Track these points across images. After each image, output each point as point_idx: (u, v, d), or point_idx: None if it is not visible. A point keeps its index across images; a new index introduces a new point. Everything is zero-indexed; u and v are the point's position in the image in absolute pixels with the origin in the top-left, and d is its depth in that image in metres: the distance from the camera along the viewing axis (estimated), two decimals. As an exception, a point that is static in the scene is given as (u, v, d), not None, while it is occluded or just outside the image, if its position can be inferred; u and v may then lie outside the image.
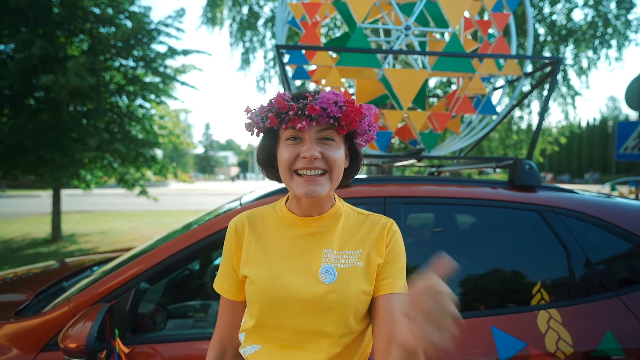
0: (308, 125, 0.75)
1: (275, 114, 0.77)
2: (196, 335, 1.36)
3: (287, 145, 0.79)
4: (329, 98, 0.75)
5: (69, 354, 1.04)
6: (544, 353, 1.27)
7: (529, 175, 1.59)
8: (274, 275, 0.79)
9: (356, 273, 0.79)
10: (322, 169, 0.77)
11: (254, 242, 0.85)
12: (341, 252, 0.81)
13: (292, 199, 0.86)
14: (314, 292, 0.76)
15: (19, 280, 1.93)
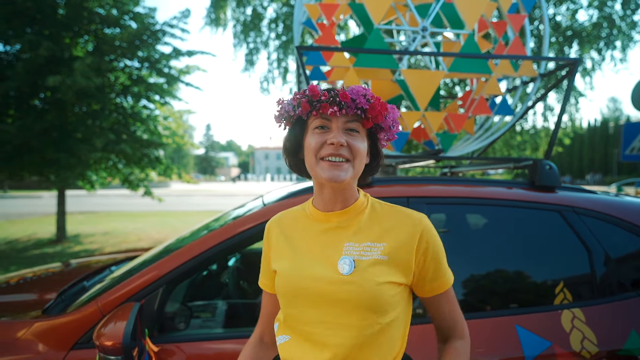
0: (339, 112, 0.79)
1: (307, 100, 0.81)
2: (219, 335, 1.38)
3: (315, 134, 0.82)
4: (358, 90, 0.80)
5: (105, 352, 1.05)
6: (570, 352, 1.28)
7: (550, 175, 1.60)
8: (297, 267, 0.84)
9: (377, 266, 0.80)
10: (346, 157, 0.80)
11: (282, 239, 0.90)
12: (363, 244, 0.82)
13: (316, 194, 0.88)
14: (332, 283, 0.79)
15: (39, 280, 1.95)
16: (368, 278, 0.78)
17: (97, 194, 21.07)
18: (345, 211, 0.85)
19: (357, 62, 1.91)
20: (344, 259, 0.80)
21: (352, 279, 0.78)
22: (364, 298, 0.77)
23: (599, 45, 7.18)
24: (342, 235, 0.84)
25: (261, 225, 1.37)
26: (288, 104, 0.85)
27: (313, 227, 0.87)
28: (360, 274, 0.78)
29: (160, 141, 7.48)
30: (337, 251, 0.82)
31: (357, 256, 0.81)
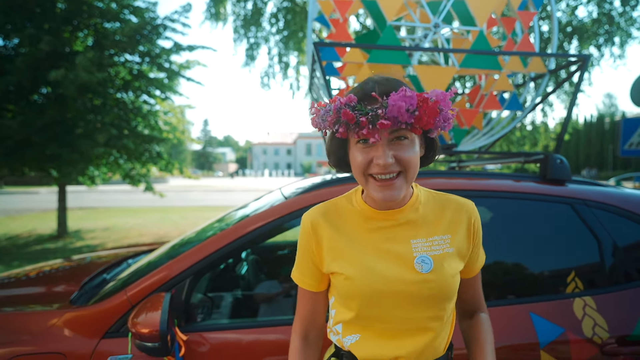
0: (380, 138, 0.73)
1: (344, 125, 0.73)
2: (240, 324, 1.41)
3: (359, 149, 0.77)
4: (400, 106, 0.70)
5: (142, 339, 1.09)
6: (582, 338, 1.33)
7: (561, 169, 1.65)
8: (369, 269, 0.81)
9: (448, 259, 0.83)
10: (396, 171, 0.76)
11: (337, 237, 0.85)
12: (430, 239, 0.83)
13: (368, 194, 0.86)
14: (414, 283, 0.79)
15: (57, 273, 1.98)
16: (445, 273, 0.81)
17: (95, 190, 21.00)
18: (402, 209, 0.84)
19: (370, 58, 1.94)
20: (422, 257, 0.81)
21: (432, 277, 0.80)
22: (444, 292, 0.81)
23: (598, 42, 7.24)
24: (406, 233, 0.83)
25: (285, 217, 1.41)
26: (323, 121, 0.77)
27: (370, 225, 0.85)
28: (438, 271, 0.80)
29: (161, 136, 7.47)
30: (407, 249, 0.82)
31: (430, 252, 0.82)
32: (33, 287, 1.78)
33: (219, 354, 1.28)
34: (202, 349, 1.29)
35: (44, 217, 10.61)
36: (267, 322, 1.39)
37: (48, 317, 1.33)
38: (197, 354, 1.27)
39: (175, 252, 1.52)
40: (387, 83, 0.76)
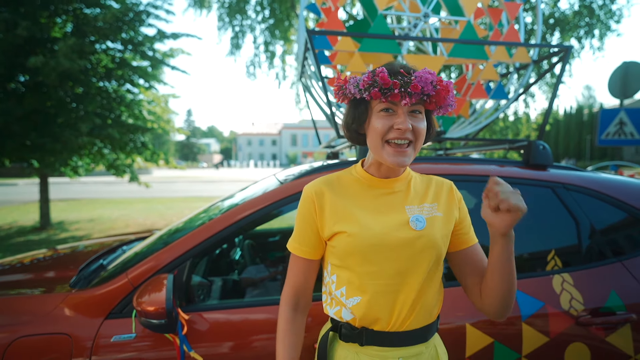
0: (409, 102, 0.84)
1: (379, 89, 0.84)
2: (236, 303, 1.46)
3: (381, 117, 0.87)
4: (426, 78, 0.84)
5: (148, 316, 1.13)
6: (560, 311, 1.43)
7: (543, 155, 1.74)
8: (369, 227, 0.90)
9: (438, 221, 0.94)
10: (410, 139, 0.87)
11: (339, 202, 0.94)
12: (421, 205, 0.95)
13: (373, 164, 0.97)
14: (408, 238, 0.90)
15: (52, 260, 1.98)
16: (435, 231, 0.92)
17: (77, 182, 20.50)
18: (398, 179, 0.96)
19: (362, 47, 1.98)
20: (416, 217, 0.92)
21: (424, 233, 0.91)
22: (434, 248, 0.91)
23: (579, 34, 7.44)
24: (400, 199, 0.95)
25: (281, 201, 1.46)
26: (353, 85, 0.89)
27: (370, 191, 0.95)
28: (429, 229, 0.92)
29: (146, 126, 7.34)
30: (402, 212, 0.93)
31: (421, 214, 0.93)
32: (29, 273, 1.78)
33: (218, 331, 1.33)
34: (202, 327, 1.33)
35: (25, 209, 10.34)
36: (264, 301, 1.44)
37: (52, 300, 1.35)
38: (198, 332, 1.32)
39: (173, 237, 1.55)
40: (407, 66, 0.89)
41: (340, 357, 0.94)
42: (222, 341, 1.32)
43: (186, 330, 1.27)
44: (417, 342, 0.92)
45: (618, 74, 5.32)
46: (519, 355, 1.40)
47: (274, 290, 1.82)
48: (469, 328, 1.39)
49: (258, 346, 1.32)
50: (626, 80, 5.26)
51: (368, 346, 0.92)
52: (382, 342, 0.91)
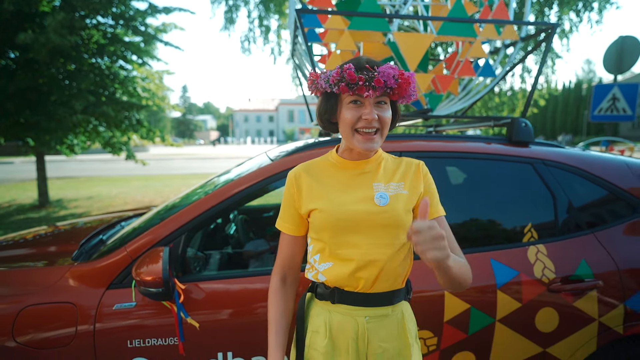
0: (373, 95, 0.93)
1: (346, 84, 0.94)
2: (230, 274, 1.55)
3: (350, 108, 0.97)
4: (389, 73, 0.93)
5: (146, 285, 1.22)
6: (533, 279, 1.54)
7: (525, 132, 1.80)
8: (338, 204, 1.01)
9: (402, 198, 1.03)
10: (376, 127, 0.97)
11: (315, 184, 1.05)
12: (388, 184, 1.04)
13: (346, 149, 1.07)
14: (373, 213, 1.00)
15: (53, 235, 2.06)
16: (398, 207, 1.01)
17: (74, 160, 20.44)
18: (368, 160, 1.06)
19: (351, 24, 1.99)
20: (381, 194, 1.01)
21: (387, 209, 1.00)
22: (396, 222, 1.00)
23: (577, 7, 7.31)
24: (369, 178, 1.04)
25: (272, 177, 1.53)
26: (324, 80, 0.97)
27: (342, 173, 1.06)
28: (392, 205, 1.01)
29: (140, 103, 7.29)
30: (369, 189, 1.03)
31: (387, 192, 1.02)
32: (33, 248, 1.87)
33: (212, 299, 1.43)
34: (197, 296, 1.43)
35: (22, 187, 10.39)
36: (253, 272, 1.53)
37: (56, 272, 1.44)
38: (194, 300, 1.41)
39: (169, 213, 1.63)
40: (372, 61, 0.98)
41: (315, 313, 1.06)
42: (216, 309, 1.42)
43: (183, 298, 1.37)
44: (382, 304, 1.03)
45: (614, 49, 5.29)
46: (493, 320, 1.51)
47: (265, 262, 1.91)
48: (447, 295, 1.49)
49: (249, 312, 1.42)
50: (622, 54, 5.24)
51: (339, 304, 1.03)
52: (351, 302, 1.02)
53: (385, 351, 1.02)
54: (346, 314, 1.03)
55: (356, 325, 1.02)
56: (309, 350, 1.05)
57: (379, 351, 1.02)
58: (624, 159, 1.88)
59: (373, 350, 1.02)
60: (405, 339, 1.05)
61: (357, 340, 1.02)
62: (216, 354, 1.40)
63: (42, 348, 1.32)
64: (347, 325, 1.02)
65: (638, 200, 1.73)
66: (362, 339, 1.02)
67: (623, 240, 1.64)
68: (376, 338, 1.02)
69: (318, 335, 1.04)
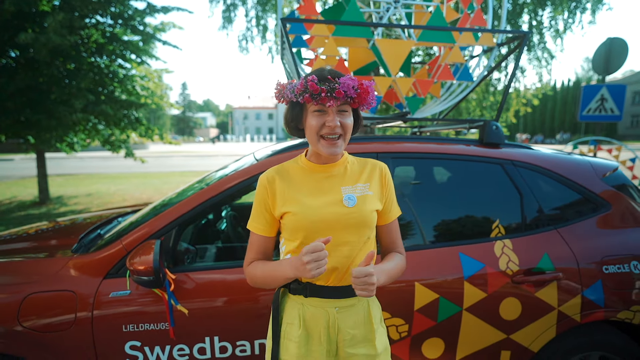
0: (335, 104, 1.04)
1: (310, 94, 1.03)
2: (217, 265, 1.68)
3: (315, 116, 1.07)
4: (349, 84, 1.03)
5: (139, 274, 1.34)
6: (498, 271, 1.66)
7: (495, 134, 1.92)
8: (310, 207, 1.10)
9: (368, 198, 1.14)
10: (339, 133, 1.08)
11: (286, 187, 1.13)
12: (355, 186, 1.15)
13: (313, 154, 1.17)
14: (342, 214, 1.10)
15: (54, 230, 2.19)
16: (365, 208, 1.11)
17: (74, 157, 20.57)
18: (335, 164, 1.16)
19: (336, 31, 2.11)
20: (349, 196, 1.11)
21: (355, 210, 1.10)
22: (363, 221, 1.11)
23: (570, 7, 7.41)
24: (337, 182, 1.14)
25: (255, 177, 1.65)
26: (290, 91, 1.06)
27: (312, 176, 1.15)
28: (360, 206, 1.11)
29: (139, 101, 7.40)
30: (338, 192, 1.12)
31: (354, 193, 1.12)
32: (35, 241, 1.99)
33: (201, 289, 1.55)
34: (188, 285, 1.55)
35: (23, 184, 10.51)
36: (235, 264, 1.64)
37: (57, 263, 1.56)
38: (184, 289, 1.54)
39: (160, 209, 1.75)
40: (334, 72, 1.07)
41: (289, 307, 1.15)
42: (204, 297, 1.54)
43: (173, 287, 1.50)
44: (350, 295, 1.13)
45: (602, 50, 5.40)
46: (460, 309, 1.64)
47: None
48: (418, 286, 1.62)
49: (236, 301, 1.55)
50: (609, 56, 5.35)
51: (311, 297, 1.13)
52: (323, 295, 1.12)
53: (353, 337, 1.14)
54: (318, 306, 1.12)
55: (327, 315, 1.12)
56: (284, 341, 1.15)
57: (347, 337, 1.13)
58: (589, 159, 2.00)
59: (343, 336, 1.13)
60: (371, 325, 1.17)
61: (329, 328, 1.12)
62: (204, 339, 1.53)
63: (46, 332, 1.45)
64: (319, 316, 1.12)
65: (600, 199, 1.85)
66: (333, 328, 1.12)
67: (584, 236, 1.77)
68: (345, 326, 1.13)
69: (292, 327, 1.13)
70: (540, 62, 8.29)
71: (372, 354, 1.15)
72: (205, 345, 1.53)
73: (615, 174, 1.96)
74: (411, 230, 1.75)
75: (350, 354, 1.13)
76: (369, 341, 1.16)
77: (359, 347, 1.14)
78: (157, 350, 1.51)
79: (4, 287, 1.50)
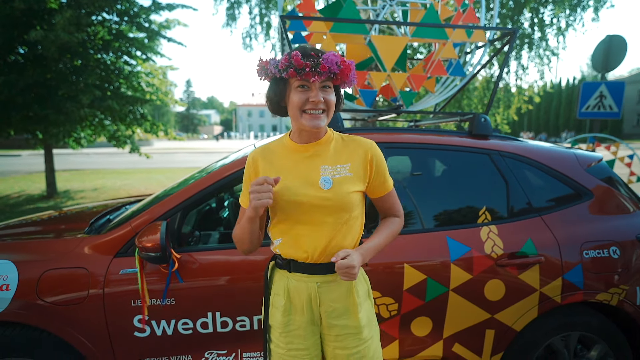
0: (318, 79, 1.06)
1: (294, 69, 1.04)
2: (219, 246, 1.79)
3: (298, 92, 1.08)
4: (332, 60, 1.05)
5: (147, 250, 1.46)
6: (483, 255, 1.76)
7: (483, 126, 2.02)
8: (287, 187, 1.13)
9: (346, 180, 1.15)
10: (322, 108, 1.10)
11: (268, 167, 1.18)
12: (334, 166, 1.15)
13: (295, 133, 1.18)
14: (317, 196, 1.12)
15: (66, 216, 2.32)
16: (341, 190, 1.13)
17: (79, 153, 20.82)
18: (317, 142, 1.17)
19: (333, 28, 2.21)
20: (325, 179, 1.13)
21: (330, 194, 1.12)
22: (339, 204, 1.13)
23: (572, 5, 7.44)
24: (317, 161, 1.15)
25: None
26: (273, 66, 1.07)
27: (293, 156, 1.17)
28: (335, 189, 1.13)
29: (144, 97, 7.54)
30: (316, 172, 1.14)
31: (332, 175, 1.14)
32: (47, 225, 2.12)
33: (204, 268, 1.67)
34: (190, 264, 1.67)
35: (30, 178, 10.71)
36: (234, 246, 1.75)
37: (71, 243, 1.68)
38: (187, 267, 1.65)
39: (166, 195, 1.87)
40: (317, 50, 1.10)
41: (277, 279, 1.24)
42: (207, 276, 1.66)
43: (177, 265, 1.61)
44: (331, 272, 1.17)
45: (602, 47, 5.45)
46: (447, 289, 1.74)
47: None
48: (407, 267, 1.72)
49: (236, 280, 1.66)
50: (609, 53, 5.40)
51: (294, 273, 1.19)
52: (303, 270, 1.17)
53: (334, 309, 1.19)
54: (300, 280, 1.18)
55: (309, 289, 1.18)
56: (272, 309, 1.24)
57: (329, 310, 1.19)
58: (575, 151, 2.09)
59: (325, 309, 1.19)
60: (353, 299, 1.20)
61: (311, 301, 1.19)
62: (206, 314, 1.65)
63: (63, 305, 1.57)
64: (301, 289, 1.18)
65: (583, 187, 1.94)
66: (315, 300, 1.19)
67: (566, 222, 1.86)
68: (327, 299, 1.18)
69: (279, 297, 1.21)
70: (542, 60, 8.33)
71: (354, 325, 1.19)
72: (207, 320, 1.65)
73: (599, 164, 2.05)
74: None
75: (332, 324, 1.19)
76: (351, 313, 1.20)
77: (340, 318, 1.19)
78: (163, 324, 1.63)
79: (24, 263, 1.62)
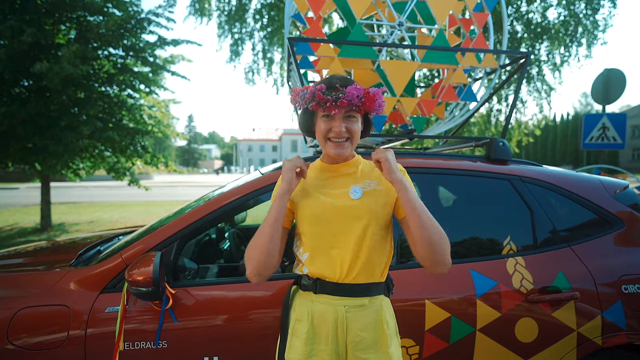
0: (339, 112, 1.10)
1: (317, 103, 1.11)
2: (218, 281, 1.62)
3: (323, 121, 1.14)
4: (353, 94, 1.09)
5: (137, 285, 1.28)
6: (512, 289, 1.59)
7: (502, 150, 1.90)
8: (317, 200, 1.16)
9: (376, 192, 1.16)
10: (346, 137, 1.14)
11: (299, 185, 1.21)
12: (364, 182, 1.18)
13: (325, 156, 1.23)
14: (345, 206, 1.13)
15: (53, 247, 2.14)
16: (371, 202, 1.13)
17: (78, 185, 20.70)
18: (348, 163, 1.22)
19: (341, 52, 2.15)
20: (354, 189, 1.15)
21: (359, 203, 1.13)
22: (368, 214, 1.11)
23: (566, 42, 7.65)
24: (346, 180, 1.19)
25: (262, 189, 1.63)
26: (302, 99, 1.14)
27: (323, 175, 1.22)
28: (364, 199, 1.14)
29: (146, 129, 7.53)
30: (346, 189, 1.16)
31: (362, 188, 1.16)
32: (34, 257, 1.94)
33: (201, 306, 1.48)
34: (187, 301, 1.48)
35: (26, 211, 10.50)
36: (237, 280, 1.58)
37: (53, 276, 1.51)
38: (183, 305, 1.47)
39: (162, 224, 1.71)
40: (344, 80, 1.14)
41: (299, 304, 1.16)
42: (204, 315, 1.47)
43: (171, 303, 1.43)
44: (360, 294, 1.11)
45: (600, 81, 5.51)
46: (474, 329, 1.55)
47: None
48: (428, 304, 1.54)
49: (236, 319, 1.47)
50: (608, 86, 5.44)
51: (320, 294, 1.12)
52: (331, 291, 1.11)
53: (362, 340, 1.10)
54: (327, 304, 1.12)
55: (336, 314, 1.11)
56: (292, 338, 1.13)
57: (357, 339, 1.10)
58: (600, 177, 1.97)
59: (352, 338, 1.11)
60: (382, 331, 1.13)
61: (337, 328, 1.11)
62: (202, 358, 1.44)
63: (37, 350, 1.37)
64: (328, 314, 1.11)
65: (613, 216, 1.80)
66: (342, 327, 1.11)
67: (599, 253, 1.70)
68: (354, 327, 1.11)
69: (301, 324, 1.13)
70: (540, 94, 8.46)
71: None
72: (203, 367, 1.44)
73: (626, 191, 1.92)
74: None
75: (360, 358, 1.09)
76: (380, 347, 1.12)
77: (369, 351, 1.11)
78: (153, 371, 1.42)
79: (-4, 301, 1.44)
